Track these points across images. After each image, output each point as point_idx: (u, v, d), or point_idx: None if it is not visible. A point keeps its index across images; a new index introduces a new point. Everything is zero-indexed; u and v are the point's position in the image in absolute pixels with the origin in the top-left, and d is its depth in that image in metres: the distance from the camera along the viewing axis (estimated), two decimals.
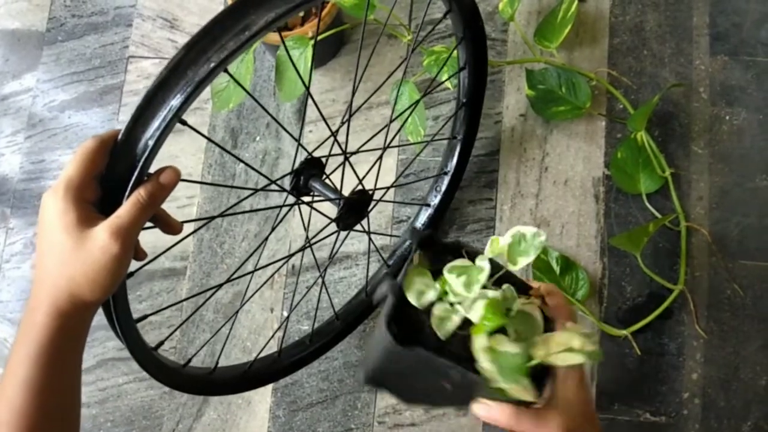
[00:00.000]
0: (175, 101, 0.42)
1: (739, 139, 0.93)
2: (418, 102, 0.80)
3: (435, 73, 0.82)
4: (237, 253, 0.95)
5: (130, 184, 0.42)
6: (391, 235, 0.94)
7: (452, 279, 0.47)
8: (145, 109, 0.42)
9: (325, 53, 0.99)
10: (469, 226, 0.93)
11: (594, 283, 0.90)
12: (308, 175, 0.61)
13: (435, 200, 0.90)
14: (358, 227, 0.71)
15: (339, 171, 0.66)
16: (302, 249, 0.72)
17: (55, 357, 0.42)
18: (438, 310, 0.47)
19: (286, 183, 0.63)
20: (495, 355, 0.44)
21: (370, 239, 0.81)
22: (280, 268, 0.88)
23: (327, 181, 0.63)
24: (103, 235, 0.40)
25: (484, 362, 0.44)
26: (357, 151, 0.67)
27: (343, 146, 0.63)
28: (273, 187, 0.67)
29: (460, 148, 0.87)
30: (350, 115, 0.65)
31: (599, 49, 0.97)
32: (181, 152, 0.99)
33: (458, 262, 0.49)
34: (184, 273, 0.95)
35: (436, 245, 0.50)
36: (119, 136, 0.43)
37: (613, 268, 0.90)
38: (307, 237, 0.70)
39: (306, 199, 0.65)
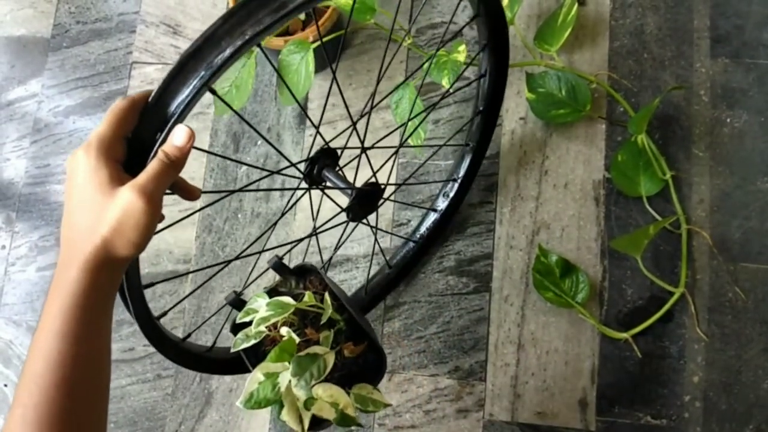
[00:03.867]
0: (207, 70, 0.42)
1: (740, 141, 0.93)
2: (428, 112, 0.80)
3: (434, 76, 0.82)
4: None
5: (156, 146, 0.43)
6: (392, 234, 0.94)
7: (262, 309, 0.56)
8: (177, 75, 0.43)
9: (325, 58, 0.99)
10: (469, 229, 0.94)
11: (594, 286, 0.90)
12: (322, 164, 0.62)
13: (443, 205, 0.90)
14: (365, 221, 0.71)
15: (351, 165, 0.66)
16: (309, 236, 0.72)
17: (88, 309, 0.43)
18: (248, 329, 0.56)
19: (300, 169, 0.64)
20: (259, 385, 0.53)
21: (375, 236, 0.81)
22: (286, 253, 0.88)
23: (340, 173, 0.64)
24: (130, 193, 0.42)
25: (252, 386, 0.53)
26: (373, 146, 0.67)
27: (363, 140, 0.64)
28: (284, 175, 0.69)
29: (472, 156, 0.87)
30: (371, 108, 0.66)
31: (599, 52, 0.97)
32: None
33: (283, 299, 0.57)
34: (186, 275, 0.96)
35: (286, 269, 0.63)
36: (150, 99, 0.44)
37: (613, 271, 0.90)
38: (314, 225, 0.71)
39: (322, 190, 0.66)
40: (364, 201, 0.64)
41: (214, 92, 0.45)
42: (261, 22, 0.43)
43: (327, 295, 0.59)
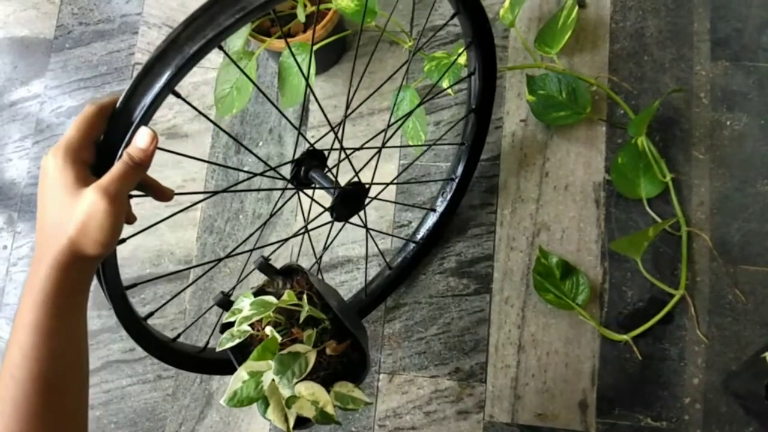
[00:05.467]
0: (169, 73, 0.44)
1: (740, 144, 0.93)
2: (417, 106, 0.80)
3: (435, 79, 0.82)
4: (239, 257, 0.96)
5: (121, 148, 0.44)
6: (390, 235, 0.95)
7: (245, 308, 0.57)
8: (142, 80, 0.44)
9: (326, 60, 1.00)
10: (470, 231, 0.94)
11: (595, 288, 0.90)
12: (309, 165, 0.62)
13: (441, 206, 0.90)
14: (355, 221, 0.72)
15: (345, 164, 0.67)
16: (297, 234, 0.73)
17: (60, 303, 0.44)
18: (233, 328, 0.57)
19: (287, 172, 0.65)
20: (243, 383, 0.53)
21: (367, 236, 0.81)
22: (276, 249, 0.88)
23: (328, 174, 0.65)
24: (93, 194, 0.43)
25: (236, 384, 0.53)
26: (356, 148, 0.68)
27: (341, 141, 0.65)
28: (274, 177, 0.70)
29: (468, 155, 0.87)
30: (348, 112, 0.66)
31: (600, 54, 0.98)
32: (185, 158, 1.00)
33: (265, 298, 0.58)
34: (187, 277, 0.96)
35: (271, 269, 0.64)
36: (117, 104, 0.45)
37: (613, 273, 0.91)
38: (306, 226, 0.71)
39: (306, 191, 0.67)
40: (348, 201, 0.64)
41: (178, 95, 0.46)
42: (220, 25, 0.44)
43: (305, 294, 0.60)
